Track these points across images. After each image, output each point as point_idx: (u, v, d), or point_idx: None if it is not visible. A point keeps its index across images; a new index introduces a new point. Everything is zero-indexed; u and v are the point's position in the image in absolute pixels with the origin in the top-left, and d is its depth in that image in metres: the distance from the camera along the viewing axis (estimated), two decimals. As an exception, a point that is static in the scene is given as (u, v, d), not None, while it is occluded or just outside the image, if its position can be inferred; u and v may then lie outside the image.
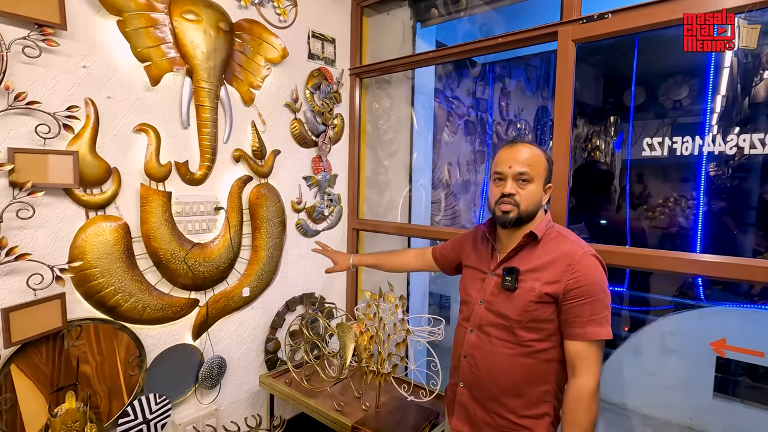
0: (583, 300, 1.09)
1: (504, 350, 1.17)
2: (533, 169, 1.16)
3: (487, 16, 2.50)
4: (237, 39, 1.76)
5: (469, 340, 1.25)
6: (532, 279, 1.14)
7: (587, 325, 1.08)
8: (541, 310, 1.13)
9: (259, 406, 2.01)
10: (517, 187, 1.16)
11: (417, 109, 2.45)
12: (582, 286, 1.09)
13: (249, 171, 1.87)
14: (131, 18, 1.46)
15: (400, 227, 2.26)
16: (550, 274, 1.13)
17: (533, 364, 1.15)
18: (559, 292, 1.11)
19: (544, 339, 1.14)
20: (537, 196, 1.17)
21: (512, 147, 1.19)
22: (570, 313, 1.10)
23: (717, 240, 2.42)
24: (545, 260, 1.15)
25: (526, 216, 1.17)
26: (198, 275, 1.69)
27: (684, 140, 1.55)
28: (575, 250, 1.13)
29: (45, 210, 1.33)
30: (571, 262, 1.11)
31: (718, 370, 2.32)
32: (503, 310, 1.17)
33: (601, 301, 1.10)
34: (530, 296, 1.13)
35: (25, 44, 1.25)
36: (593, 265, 1.12)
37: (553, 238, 1.18)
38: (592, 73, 3.21)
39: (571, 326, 1.11)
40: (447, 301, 3.70)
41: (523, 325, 1.14)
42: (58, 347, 1.37)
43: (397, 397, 1.72)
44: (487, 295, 1.23)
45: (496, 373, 1.18)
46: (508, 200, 1.16)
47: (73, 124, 1.36)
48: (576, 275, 1.09)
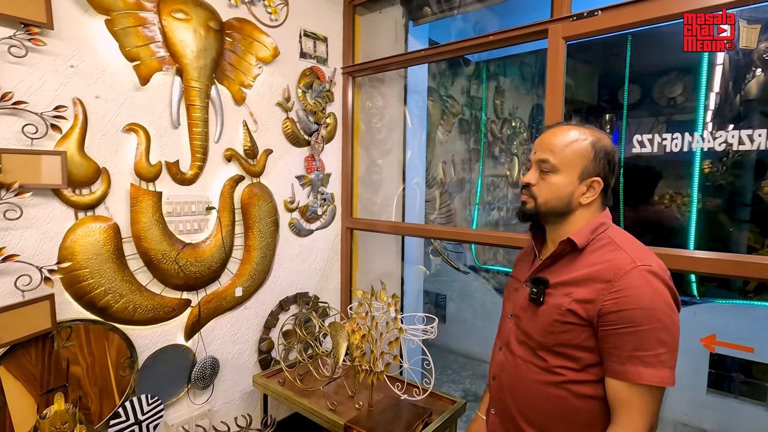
0: (624, 329, 0.86)
1: (528, 374, 1.00)
2: (558, 156, 0.97)
3: (480, 13, 2.50)
4: (227, 38, 1.76)
5: (498, 359, 1.11)
6: (561, 294, 0.95)
7: (628, 362, 0.86)
8: (572, 333, 0.93)
9: (252, 406, 2.00)
10: (539, 177, 1.00)
11: (410, 108, 2.45)
12: (623, 311, 0.86)
13: (241, 170, 1.87)
14: (119, 17, 1.45)
15: (395, 226, 2.25)
16: (584, 291, 0.91)
17: (566, 397, 0.95)
18: (593, 315, 0.89)
19: (580, 369, 0.94)
20: (562, 190, 0.97)
21: (549, 129, 1.02)
22: (608, 342, 0.89)
23: (711, 236, 2.43)
24: (583, 273, 0.94)
25: (545, 212, 1.00)
26: (190, 275, 1.69)
27: (674, 137, 1.55)
28: (622, 264, 0.89)
29: (33, 211, 1.32)
30: (613, 278, 0.88)
31: (712, 366, 2.33)
32: (528, 328, 1.01)
33: (653, 333, 0.85)
34: (556, 314, 0.94)
35: (10, 44, 1.24)
36: (645, 284, 0.86)
37: (603, 245, 0.95)
38: (587, 71, 3.21)
39: (608, 359, 0.90)
40: (443, 299, 3.71)
41: (548, 348, 0.96)
42: (48, 348, 1.36)
43: (391, 395, 1.71)
44: (517, 308, 1.07)
45: (521, 402, 1.02)
46: (525, 191, 1.02)
47: (61, 124, 1.35)
48: (616, 295, 0.87)
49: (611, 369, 0.90)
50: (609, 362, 0.90)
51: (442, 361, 3.47)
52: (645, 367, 0.85)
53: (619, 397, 0.88)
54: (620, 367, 0.88)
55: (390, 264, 2.48)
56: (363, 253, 2.48)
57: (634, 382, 0.86)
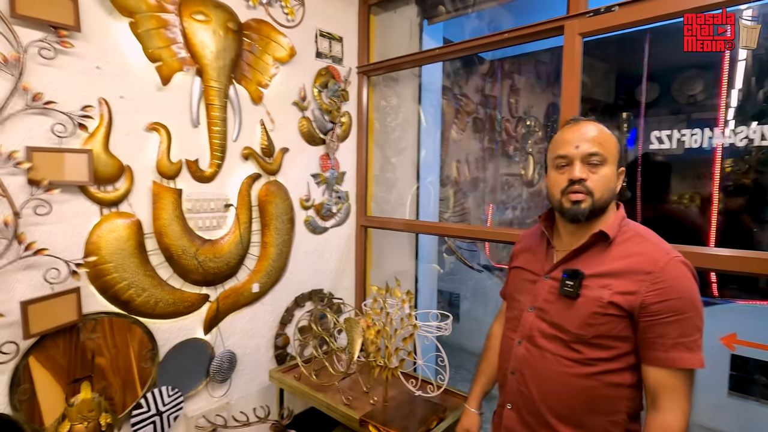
0: (669, 318, 0.90)
1: (559, 368, 1.00)
2: (605, 148, 0.97)
3: (494, 11, 2.50)
4: (245, 39, 1.79)
5: (517, 353, 1.09)
6: (599, 286, 0.96)
7: (673, 349, 0.90)
8: (611, 325, 0.94)
9: (269, 401, 2.04)
10: (588, 171, 0.97)
11: (425, 107, 2.45)
12: (667, 300, 0.90)
13: (258, 169, 1.90)
14: (143, 19, 1.49)
15: (409, 224, 2.26)
16: (624, 283, 0.94)
17: (597, 387, 0.97)
18: (635, 306, 0.92)
19: (612, 359, 0.96)
20: (612, 182, 0.98)
21: (576, 124, 1.02)
22: (650, 332, 0.92)
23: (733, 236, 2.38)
24: (619, 265, 0.96)
25: (600, 206, 0.99)
26: (208, 271, 1.73)
27: (693, 132, 1.52)
28: (659, 256, 0.94)
29: (61, 207, 1.37)
30: (654, 269, 0.92)
31: (734, 368, 2.27)
32: (560, 321, 1.01)
33: (692, 320, 0.90)
34: (595, 307, 0.95)
35: (41, 46, 1.29)
36: (683, 274, 0.92)
37: (630, 237, 0.99)
38: (603, 68, 3.17)
39: (651, 349, 0.92)
40: (456, 298, 3.70)
41: (585, 340, 0.97)
42: (74, 340, 1.41)
43: (405, 391, 1.72)
44: (539, 301, 1.06)
45: (550, 396, 1.01)
46: (579, 187, 0.97)
47: (88, 123, 1.40)
48: (660, 286, 0.91)
49: (655, 357, 0.93)
50: (652, 351, 0.93)
51: (455, 360, 3.45)
52: (689, 352, 0.90)
53: (664, 384, 0.92)
54: (665, 355, 0.91)
55: (404, 262, 2.49)
56: (377, 250, 2.50)
57: (680, 368, 0.91)
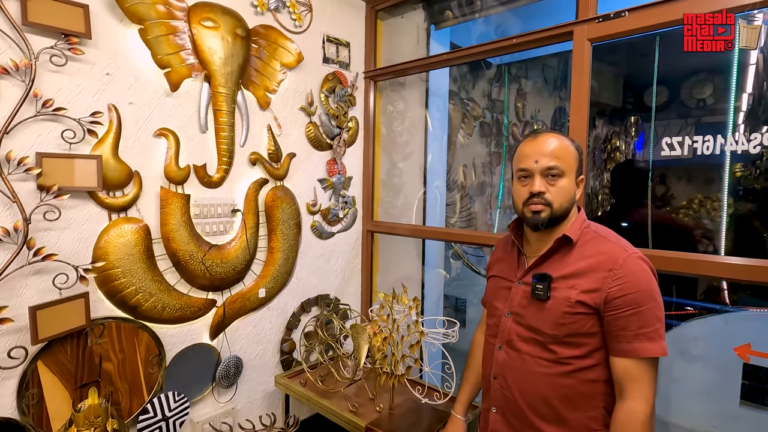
0: (629, 310, 0.96)
1: (538, 369, 1.05)
2: (563, 161, 1.04)
3: (502, 16, 2.48)
4: (253, 44, 1.80)
5: (498, 358, 1.13)
6: (567, 287, 1.02)
7: (635, 339, 0.96)
8: (580, 323, 1.00)
9: (274, 406, 2.03)
10: (547, 184, 1.04)
11: (431, 111, 2.45)
12: (627, 294, 0.96)
13: (265, 174, 1.90)
14: (152, 26, 1.51)
15: (415, 229, 2.26)
16: (588, 281, 1.00)
17: (574, 384, 1.02)
18: (600, 302, 0.98)
19: (585, 356, 1.01)
20: (570, 192, 1.05)
21: (536, 139, 1.08)
22: (614, 325, 0.98)
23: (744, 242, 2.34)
24: (582, 265, 1.02)
25: (560, 215, 1.05)
26: (215, 276, 1.73)
27: (705, 139, 1.50)
28: (617, 253, 1.00)
29: (70, 212, 1.38)
30: (613, 266, 0.98)
31: (746, 377, 2.23)
32: (535, 324, 1.06)
33: (651, 311, 0.96)
34: (565, 307, 1.01)
35: (52, 53, 1.30)
36: (640, 269, 0.98)
37: (590, 239, 1.06)
38: (611, 73, 3.15)
39: (615, 341, 0.98)
40: (463, 303, 3.67)
41: (559, 340, 1.02)
42: (82, 345, 1.42)
43: (411, 399, 1.71)
44: (514, 306, 1.11)
45: (531, 396, 1.06)
46: (538, 200, 1.04)
47: (97, 129, 1.41)
48: (619, 282, 0.97)
49: (619, 349, 0.98)
50: (616, 343, 0.99)
51: (462, 366, 3.43)
52: (650, 342, 0.96)
53: (629, 373, 0.97)
54: (628, 346, 0.97)
55: (410, 267, 2.48)
56: (383, 256, 2.49)
57: (642, 357, 0.96)
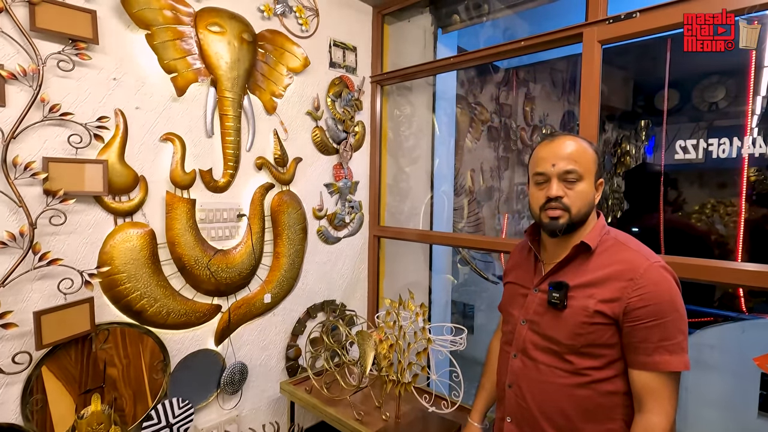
0: (650, 322, 0.92)
1: (554, 379, 1.02)
2: (581, 164, 0.99)
3: (509, 20, 2.47)
4: (260, 49, 1.80)
5: (513, 366, 1.10)
6: (584, 296, 0.99)
7: (655, 352, 0.92)
8: (598, 333, 0.96)
9: (280, 413, 2.01)
10: (565, 188, 1.00)
11: (438, 116, 2.43)
12: (648, 306, 0.92)
13: (271, 178, 1.90)
14: (159, 31, 1.51)
15: (422, 234, 2.23)
16: (607, 291, 0.96)
17: (592, 396, 0.98)
18: (619, 312, 0.94)
19: (603, 367, 0.98)
20: (589, 196, 1.01)
21: (553, 141, 1.04)
22: (634, 337, 0.94)
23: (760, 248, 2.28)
24: (601, 274, 0.98)
25: (578, 220, 1.01)
26: (221, 281, 1.72)
27: (721, 142, 1.46)
28: (639, 262, 0.96)
29: (76, 217, 1.38)
30: (634, 276, 0.94)
31: (764, 387, 2.17)
32: (551, 333, 1.02)
33: (674, 323, 0.92)
34: (582, 316, 0.97)
35: (59, 58, 1.31)
36: (662, 279, 0.94)
37: (610, 246, 1.02)
38: (621, 76, 3.11)
39: (635, 353, 0.94)
40: (471, 309, 3.63)
41: (576, 350, 0.99)
42: (87, 350, 1.41)
43: (418, 407, 1.68)
44: (530, 313, 1.08)
45: (547, 406, 1.03)
46: (555, 204, 1.00)
47: (103, 134, 1.41)
48: (640, 292, 0.93)
49: (639, 361, 0.94)
50: (636, 355, 0.95)
51: (469, 373, 3.38)
52: (671, 355, 0.92)
53: (648, 387, 0.93)
54: (648, 359, 0.93)
55: (417, 273, 2.46)
56: (390, 261, 2.47)
57: (663, 371, 0.92)
